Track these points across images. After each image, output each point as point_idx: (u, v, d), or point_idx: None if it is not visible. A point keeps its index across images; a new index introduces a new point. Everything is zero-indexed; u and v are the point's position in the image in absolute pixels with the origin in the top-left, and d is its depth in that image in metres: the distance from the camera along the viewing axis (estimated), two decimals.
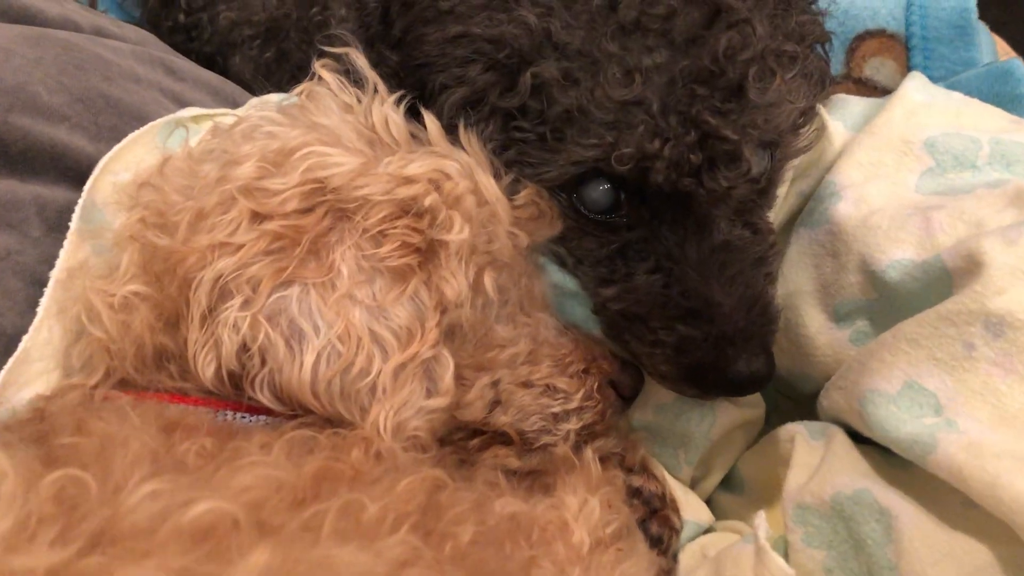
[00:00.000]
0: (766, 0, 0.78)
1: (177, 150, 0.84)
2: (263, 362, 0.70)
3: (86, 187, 0.81)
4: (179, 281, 0.71)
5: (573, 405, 0.81)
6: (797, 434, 0.82)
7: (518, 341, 0.81)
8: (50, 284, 0.75)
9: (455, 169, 0.75)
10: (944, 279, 0.76)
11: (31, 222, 0.80)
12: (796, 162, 0.92)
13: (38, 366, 0.72)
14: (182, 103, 1.03)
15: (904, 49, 1.15)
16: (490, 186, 0.76)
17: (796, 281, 0.88)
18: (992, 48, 1.16)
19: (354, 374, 0.70)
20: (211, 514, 0.50)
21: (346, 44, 0.82)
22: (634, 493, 0.85)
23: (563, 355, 0.82)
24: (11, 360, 0.70)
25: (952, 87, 1.05)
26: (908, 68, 1.15)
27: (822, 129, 0.92)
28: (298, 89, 0.83)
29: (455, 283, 0.72)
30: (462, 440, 0.81)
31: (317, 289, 0.70)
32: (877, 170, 0.87)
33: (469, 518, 0.66)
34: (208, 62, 1.36)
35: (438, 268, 0.72)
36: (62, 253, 0.77)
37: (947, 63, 1.13)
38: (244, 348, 0.69)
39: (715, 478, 0.89)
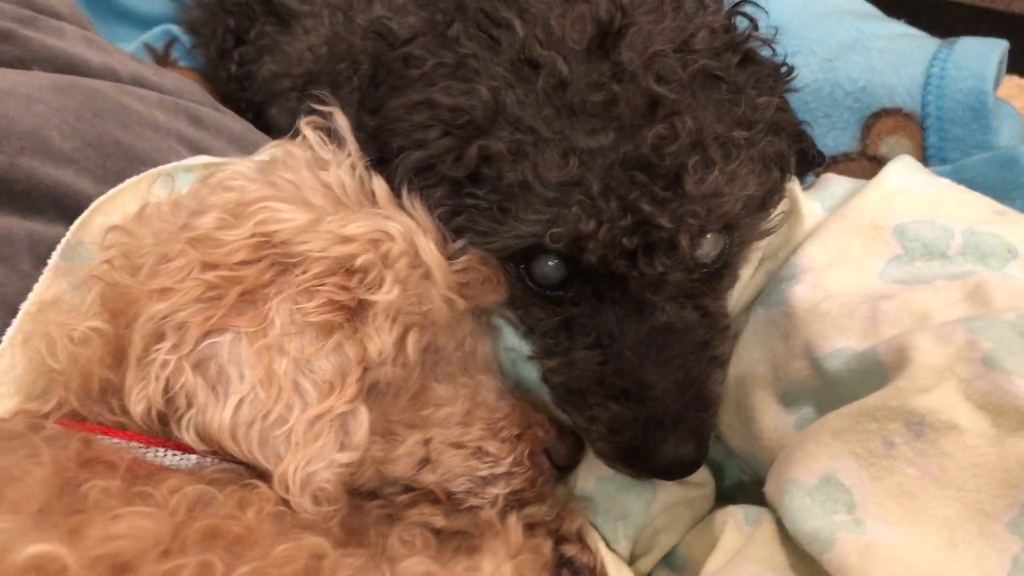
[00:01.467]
0: (714, 86, 0.78)
1: (164, 196, 0.90)
2: (189, 404, 0.73)
3: (73, 226, 0.88)
4: (128, 319, 0.75)
5: (501, 470, 0.82)
6: (731, 517, 0.81)
7: (455, 401, 0.83)
8: (19, 315, 0.81)
9: (396, 230, 0.78)
10: (878, 372, 0.74)
11: (21, 256, 0.87)
12: (765, 243, 0.91)
13: None
14: (198, 150, 1.09)
15: (920, 129, 1.13)
16: (428, 249, 0.78)
17: (750, 362, 0.86)
18: (1018, 126, 1.12)
19: (271, 422, 0.73)
20: (39, 558, 0.53)
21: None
22: (565, 563, 0.85)
23: (497, 419, 0.83)
24: None
25: (959, 170, 1.02)
26: (924, 148, 1.12)
27: (793, 211, 0.91)
28: (272, 144, 0.87)
29: (378, 341, 0.75)
30: (393, 495, 0.83)
31: (248, 338, 0.74)
32: (843, 254, 0.85)
33: None
34: (257, 111, 1.45)
35: (364, 325, 0.75)
36: (36, 287, 0.83)
37: (962, 145, 1.10)
38: (168, 389, 0.73)
39: (656, 555, 0.88)
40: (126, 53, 1.27)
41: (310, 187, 0.82)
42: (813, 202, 0.92)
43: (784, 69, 0.90)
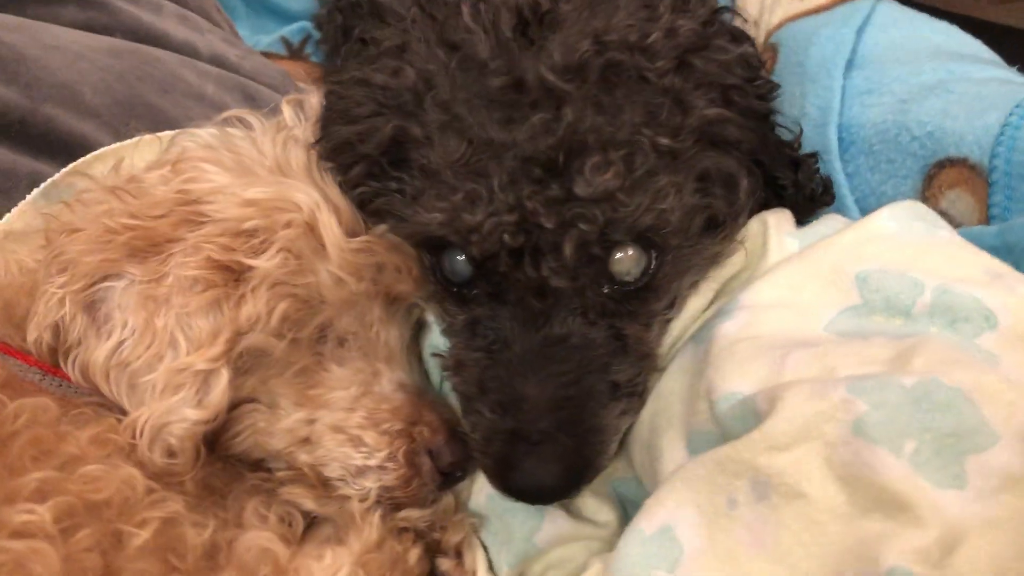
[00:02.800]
0: (637, 86, 0.72)
1: None
2: (78, 340, 0.76)
3: (64, 169, 0.94)
4: (55, 252, 0.80)
5: (374, 462, 0.79)
6: (596, 561, 0.73)
7: (348, 386, 0.81)
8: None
9: (303, 201, 0.77)
10: (754, 422, 0.64)
11: (18, 190, 0.94)
12: (724, 275, 0.82)
13: None
14: None
15: (985, 184, 0.98)
16: (326, 223, 0.77)
17: (667, 398, 0.78)
18: None
19: (138, 367, 0.74)
20: None
21: None
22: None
23: (383, 410, 0.80)
24: None
25: (1006, 232, 0.88)
26: (988, 207, 0.97)
27: (759, 245, 0.81)
28: (246, 112, 0.90)
29: (251, 306, 0.74)
30: (277, 469, 0.82)
31: (140, 286, 0.76)
32: (792, 296, 0.75)
33: (164, 529, 0.68)
34: None
35: (242, 289, 0.75)
36: (6, 216, 0.89)
37: None
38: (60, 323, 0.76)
39: None
40: (221, 36, 1.36)
41: (253, 156, 0.83)
42: (790, 239, 0.82)
43: (760, 83, 0.81)
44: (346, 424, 0.79)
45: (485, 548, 0.82)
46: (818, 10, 1.25)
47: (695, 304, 0.81)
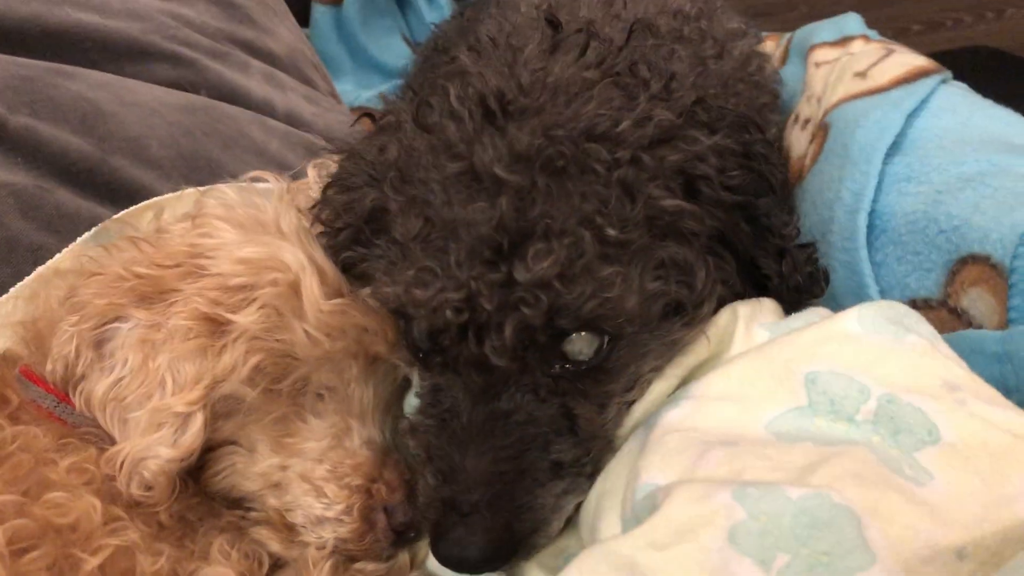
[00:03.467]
0: (586, 176, 0.74)
1: None
2: (84, 375, 0.85)
3: (113, 217, 1.04)
4: (71, 293, 0.89)
5: (331, 514, 0.83)
6: None
7: (321, 438, 0.86)
8: (32, 275, 0.98)
9: (291, 261, 0.83)
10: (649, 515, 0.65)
11: (78, 232, 1.05)
12: (691, 361, 0.82)
13: None
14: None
15: (1006, 285, 0.94)
16: (309, 285, 0.83)
17: (613, 480, 0.78)
18: None
19: (130, 403, 0.82)
20: None
21: None
22: None
23: (347, 464, 0.84)
24: None
25: (1009, 339, 0.85)
26: (1007, 310, 0.94)
27: (725, 334, 0.81)
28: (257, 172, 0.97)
29: (228, 357, 0.80)
30: (251, 509, 0.88)
31: (142, 330, 0.83)
32: (742, 391, 0.75)
33: (117, 556, 0.74)
34: None
35: (222, 340, 0.81)
36: (57, 256, 1.00)
37: None
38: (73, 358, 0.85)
39: None
40: (305, 93, 1.46)
41: (276, 218, 0.90)
42: (761, 330, 0.82)
43: (735, 174, 0.81)
44: (312, 474, 0.84)
45: None
46: (876, 91, 1.23)
47: (659, 388, 0.82)
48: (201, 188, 1.05)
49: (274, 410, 0.85)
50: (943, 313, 0.99)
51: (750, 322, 0.82)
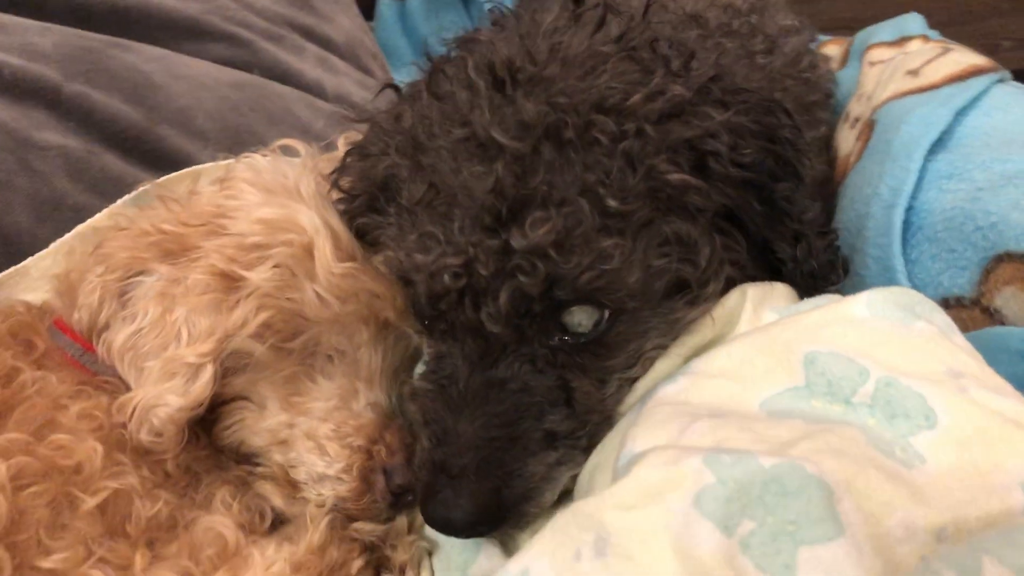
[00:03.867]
0: (588, 147, 0.74)
1: None
2: (108, 324, 0.88)
3: (158, 180, 1.08)
4: (98, 246, 0.92)
5: (331, 472, 0.84)
6: None
7: (329, 399, 0.87)
8: (72, 232, 1.03)
9: (307, 223, 0.85)
10: None
11: (120, 194, 1.09)
12: (696, 341, 0.81)
13: (34, 283, 1.00)
14: None
15: None
16: (322, 248, 0.84)
17: (607, 452, 0.78)
18: None
19: (146, 353, 0.84)
20: None
21: None
22: None
23: (350, 424, 0.85)
24: (11, 269, 0.98)
25: None
26: None
27: (732, 314, 0.80)
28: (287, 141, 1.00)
29: (239, 312, 0.83)
30: (259, 464, 0.90)
31: (164, 283, 0.86)
32: (740, 369, 0.74)
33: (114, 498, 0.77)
34: None
35: (235, 296, 0.83)
36: (97, 215, 1.04)
37: None
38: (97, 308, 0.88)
39: None
40: (358, 79, 1.49)
41: (299, 182, 0.93)
42: (770, 312, 0.81)
43: (748, 152, 0.80)
44: (316, 432, 0.86)
45: (433, 573, 0.85)
46: (927, 88, 1.20)
47: (663, 367, 0.81)
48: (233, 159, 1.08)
49: (284, 368, 0.86)
50: (975, 312, 0.96)
51: (759, 304, 0.81)
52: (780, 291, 0.83)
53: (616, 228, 0.74)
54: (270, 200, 0.88)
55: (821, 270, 0.85)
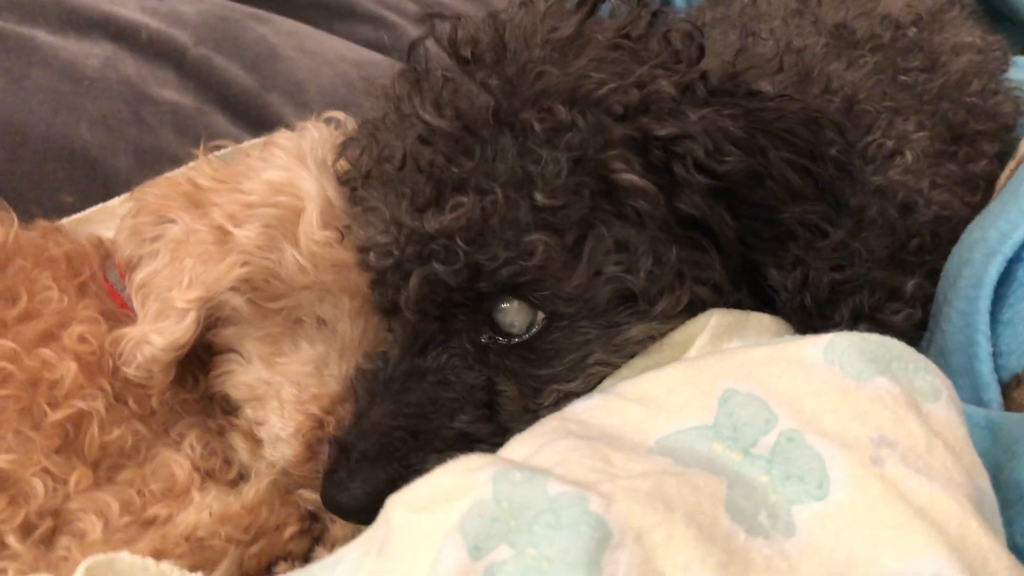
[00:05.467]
0: (523, 135, 0.69)
1: None
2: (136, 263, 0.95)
3: (249, 142, 1.15)
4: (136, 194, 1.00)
5: (283, 435, 0.85)
6: None
7: (305, 364, 0.88)
8: (159, 178, 1.11)
9: (305, 188, 0.87)
10: None
11: None
12: (649, 364, 0.73)
13: (108, 223, 1.09)
14: None
15: None
16: (310, 214, 0.85)
17: None
18: None
19: (152, 293, 0.90)
20: None
21: None
22: (307, 559, 0.84)
23: (312, 393, 0.86)
24: (99, 206, 1.09)
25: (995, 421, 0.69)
26: None
27: (684, 339, 0.71)
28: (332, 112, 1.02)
29: (222, 266, 0.86)
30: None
31: (185, 232, 0.92)
32: (662, 398, 0.65)
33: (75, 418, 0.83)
34: None
35: (224, 249, 0.87)
36: (182, 167, 1.12)
37: None
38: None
39: None
40: None
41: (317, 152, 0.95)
42: (736, 342, 0.71)
43: (733, 160, 0.70)
44: (282, 394, 0.87)
45: None
46: None
47: (606, 385, 0.74)
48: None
49: (268, 327, 0.89)
50: None
51: (723, 333, 0.71)
52: (756, 321, 0.73)
53: (547, 224, 0.68)
54: (286, 164, 0.90)
55: (817, 306, 0.73)
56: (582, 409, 0.68)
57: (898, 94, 1.09)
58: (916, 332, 0.93)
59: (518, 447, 0.63)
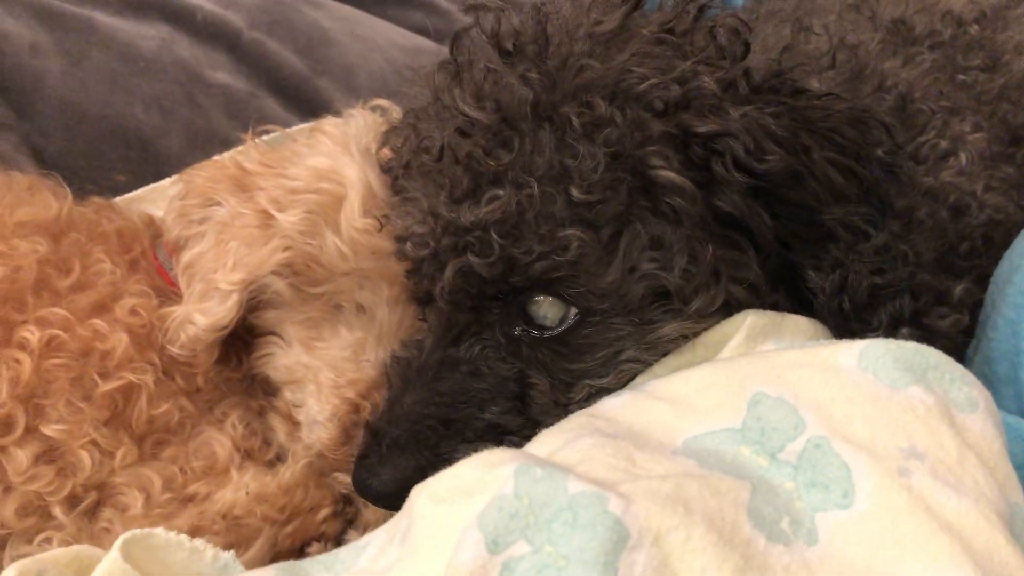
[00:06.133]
0: (562, 131, 0.69)
1: None
2: (184, 244, 0.97)
3: (296, 127, 1.16)
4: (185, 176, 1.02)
5: (320, 418, 0.86)
6: None
7: (344, 349, 0.90)
8: (209, 160, 1.13)
9: (349, 175, 0.88)
10: None
11: None
12: (682, 362, 0.73)
13: (159, 203, 1.12)
14: None
15: None
16: (352, 201, 0.86)
17: None
18: None
19: (198, 273, 0.92)
20: None
21: None
22: (339, 542, 0.86)
23: (347, 376, 0.87)
24: (151, 185, 1.11)
25: None
26: None
27: (718, 338, 0.71)
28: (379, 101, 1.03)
29: (265, 250, 0.87)
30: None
31: (230, 215, 0.94)
32: (692, 398, 0.65)
33: (125, 390, 0.85)
34: None
35: (268, 233, 0.88)
36: (234, 149, 1.14)
37: None
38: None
39: None
40: None
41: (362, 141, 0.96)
42: (771, 344, 0.70)
43: (774, 160, 0.69)
44: (320, 378, 0.88)
45: None
46: None
47: (639, 382, 0.74)
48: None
49: (308, 311, 0.90)
50: None
51: (758, 334, 0.71)
52: (792, 324, 0.72)
53: (582, 219, 0.68)
54: (331, 151, 0.91)
55: (855, 310, 0.72)
56: (611, 406, 0.68)
57: (956, 93, 1.06)
58: (963, 338, 0.91)
59: (545, 441, 0.63)
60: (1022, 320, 0.84)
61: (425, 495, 0.56)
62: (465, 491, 0.54)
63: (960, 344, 0.90)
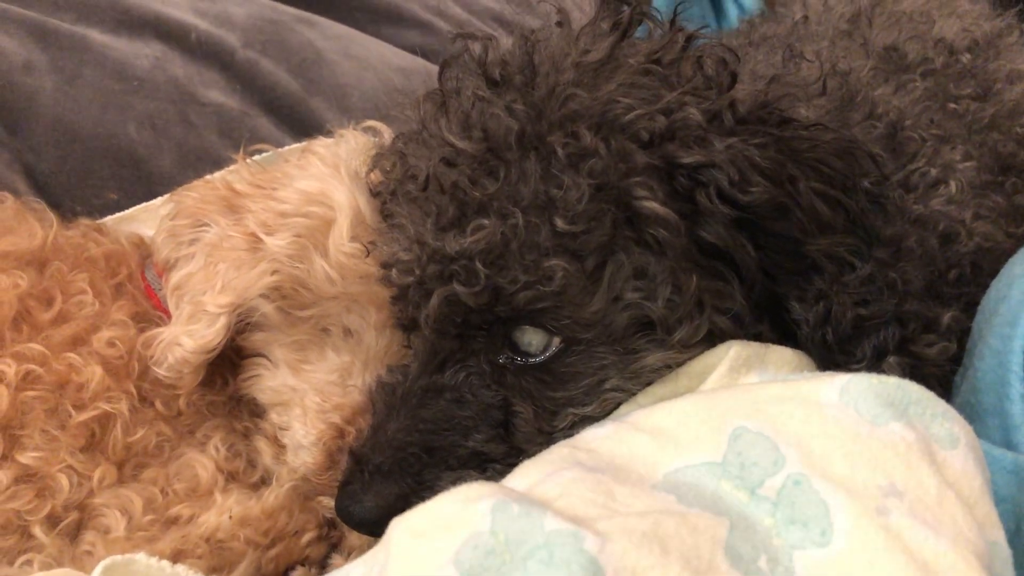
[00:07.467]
0: (546, 160, 0.69)
1: None
2: (173, 264, 0.97)
3: (288, 147, 1.16)
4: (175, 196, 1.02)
5: (305, 442, 0.86)
6: None
7: (330, 372, 0.90)
8: (201, 180, 1.13)
9: (337, 200, 0.88)
10: None
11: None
12: (666, 392, 0.73)
13: (150, 223, 1.12)
14: None
15: None
16: (340, 225, 0.87)
17: None
18: None
19: (187, 295, 0.92)
20: None
21: None
22: (323, 566, 0.85)
23: (334, 403, 0.87)
24: (141, 205, 1.11)
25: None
26: None
27: (701, 369, 0.71)
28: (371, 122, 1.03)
29: (253, 273, 0.87)
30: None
31: (220, 237, 0.94)
32: (674, 430, 0.65)
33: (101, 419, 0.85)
34: None
35: (256, 256, 0.88)
36: (225, 169, 1.14)
37: None
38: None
39: None
40: None
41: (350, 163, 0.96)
42: (755, 376, 0.70)
43: (757, 191, 0.69)
44: (306, 402, 0.88)
45: None
46: None
47: (622, 412, 0.74)
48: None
49: (295, 334, 0.90)
50: None
51: (742, 365, 0.71)
52: (776, 355, 0.72)
53: (567, 249, 0.68)
54: (321, 174, 0.92)
55: (839, 341, 0.72)
56: (593, 437, 0.68)
57: (946, 122, 1.06)
58: (950, 366, 0.90)
59: (526, 473, 0.63)
60: (1009, 350, 0.84)
61: (404, 528, 0.56)
62: (443, 526, 0.54)
63: (948, 372, 0.90)
